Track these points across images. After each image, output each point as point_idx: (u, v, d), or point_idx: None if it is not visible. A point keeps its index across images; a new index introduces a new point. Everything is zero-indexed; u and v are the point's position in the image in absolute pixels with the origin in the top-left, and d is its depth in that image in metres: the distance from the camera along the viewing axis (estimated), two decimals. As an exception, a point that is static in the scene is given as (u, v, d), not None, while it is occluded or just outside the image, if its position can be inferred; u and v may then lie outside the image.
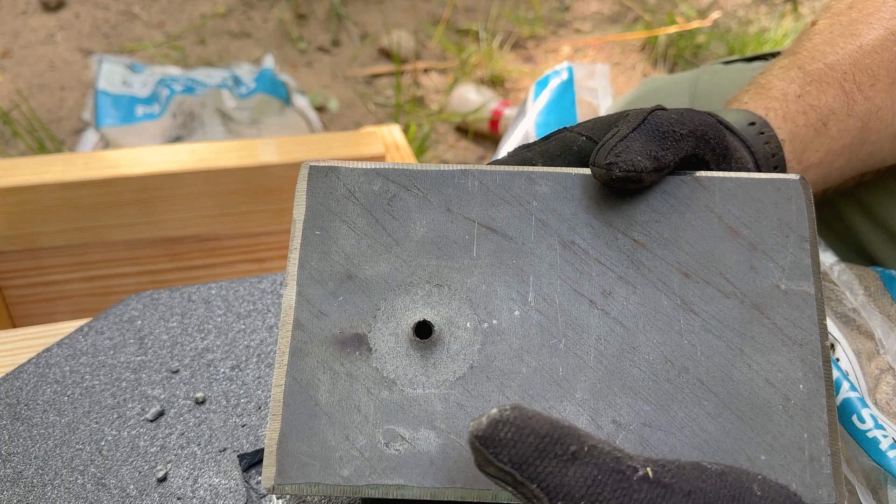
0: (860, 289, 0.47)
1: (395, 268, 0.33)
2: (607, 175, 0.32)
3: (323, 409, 0.31)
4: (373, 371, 0.31)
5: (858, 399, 0.40)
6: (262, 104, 1.38)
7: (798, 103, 0.45)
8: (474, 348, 0.32)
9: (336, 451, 0.30)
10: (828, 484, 0.30)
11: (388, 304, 0.33)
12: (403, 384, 0.31)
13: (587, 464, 0.25)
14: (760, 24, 1.91)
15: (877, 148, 0.49)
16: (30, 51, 1.58)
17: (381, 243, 0.34)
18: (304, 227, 0.34)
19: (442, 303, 0.33)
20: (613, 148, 0.32)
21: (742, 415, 0.31)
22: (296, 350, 0.32)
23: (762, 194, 0.34)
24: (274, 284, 0.49)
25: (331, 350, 0.32)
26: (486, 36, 1.75)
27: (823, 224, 0.56)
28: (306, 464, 0.30)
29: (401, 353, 0.32)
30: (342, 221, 0.34)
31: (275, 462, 0.30)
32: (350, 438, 0.30)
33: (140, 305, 0.47)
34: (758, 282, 0.32)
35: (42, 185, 0.63)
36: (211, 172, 0.66)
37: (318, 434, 0.30)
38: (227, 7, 1.75)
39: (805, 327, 0.32)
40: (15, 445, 0.40)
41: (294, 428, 0.31)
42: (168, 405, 0.42)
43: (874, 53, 0.47)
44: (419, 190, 0.34)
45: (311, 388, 0.31)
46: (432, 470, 0.30)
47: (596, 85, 1.00)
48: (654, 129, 0.33)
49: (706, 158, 0.36)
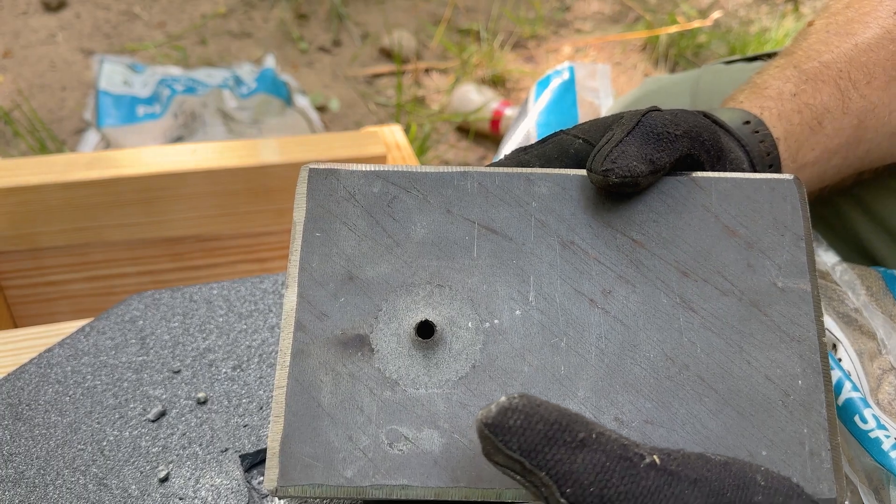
0: (862, 289, 0.47)
1: (396, 269, 0.33)
2: (604, 181, 0.33)
3: (325, 410, 0.31)
4: (375, 371, 0.31)
5: (861, 399, 0.40)
6: (263, 104, 1.39)
7: (793, 102, 0.45)
8: (476, 348, 0.32)
9: (339, 451, 0.30)
10: (828, 478, 0.30)
11: (390, 305, 0.33)
12: (406, 384, 0.31)
13: (595, 451, 0.25)
14: (761, 23, 1.91)
15: (874, 146, 0.49)
16: (31, 51, 1.58)
17: (381, 244, 0.34)
18: (304, 229, 0.34)
19: (443, 303, 0.33)
20: (609, 154, 0.33)
21: (742, 411, 0.31)
22: (297, 351, 0.32)
23: (757, 194, 0.34)
24: (275, 284, 0.49)
25: (332, 351, 0.32)
26: (487, 36, 1.75)
27: (824, 224, 0.55)
28: (309, 465, 0.30)
29: (403, 354, 0.32)
30: (342, 223, 0.34)
31: (277, 464, 0.30)
32: (353, 439, 0.30)
33: (141, 305, 0.47)
34: (755, 280, 0.33)
35: (43, 185, 0.63)
36: (212, 172, 0.66)
37: (321, 435, 0.30)
38: (227, 7, 1.75)
39: (802, 324, 0.32)
40: (17, 445, 0.40)
41: (297, 429, 0.30)
42: (170, 405, 0.42)
43: (870, 51, 0.47)
44: (419, 192, 0.34)
45: (314, 389, 0.31)
46: (436, 470, 0.30)
47: (597, 85, 1.00)
48: (649, 131, 0.34)
49: (701, 159, 0.36)
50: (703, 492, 0.25)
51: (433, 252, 0.33)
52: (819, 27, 0.50)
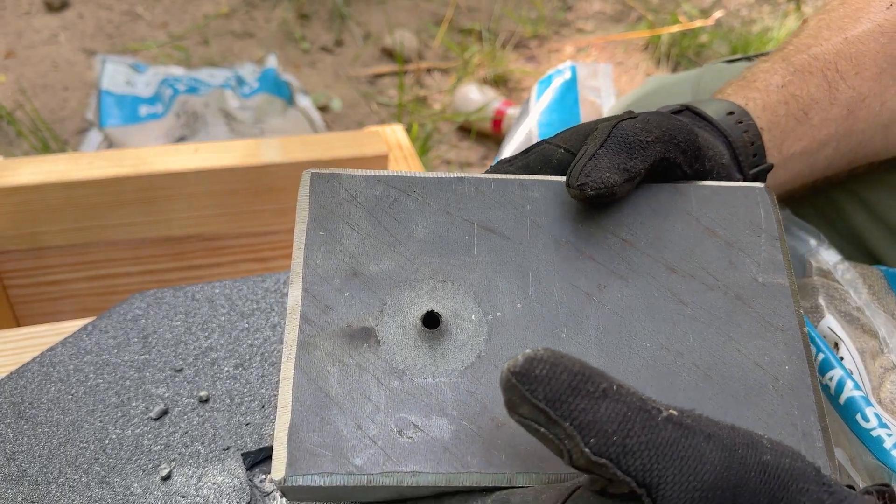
0: (864, 287, 0.47)
1: (399, 265, 0.34)
2: (581, 195, 0.34)
3: (333, 400, 0.31)
4: (382, 362, 0.32)
5: (862, 398, 0.40)
6: (265, 104, 1.39)
7: (780, 93, 0.46)
8: (481, 339, 0.33)
9: (348, 440, 0.30)
10: (822, 457, 0.31)
11: (394, 299, 0.33)
12: (413, 374, 0.31)
13: (617, 401, 0.26)
14: (763, 23, 1.91)
15: (866, 138, 0.49)
16: (33, 51, 1.59)
17: (384, 243, 0.34)
18: (307, 227, 0.34)
19: (447, 297, 0.33)
20: (584, 168, 0.34)
21: (737, 395, 0.32)
22: (304, 343, 0.32)
23: (733, 199, 0.37)
24: (277, 283, 0.49)
25: (339, 343, 0.32)
26: (488, 36, 1.75)
27: (826, 222, 0.55)
28: (318, 454, 0.30)
29: (409, 345, 0.32)
30: (345, 223, 0.35)
31: (285, 454, 0.29)
32: (362, 427, 0.30)
33: (144, 304, 0.47)
34: (737, 276, 0.35)
35: (46, 184, 0.63)
36: (214, 172, 0.66)
37: (330, 424, 0.30)
38: (230, 7, 1.75)
39: (784, 315, 0.35)
40: (19, 444, 0.41)
41: (304, 419, 0.30)
42: (172, 404, 0.42)
43: (859, 44, 0.48)
44: (418, 195, 0.36)
45: (321, 379, 0.31)
46: (447, 456, 0.30)
47: (599, 84, 1.00)
48: (621, 141, 0.35)
49: (678, 161, 0.37)
50: (717, 446, 0.25)
51: (434, 250, 0.34)
52: (812, 24, 0.51)
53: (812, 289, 0.47)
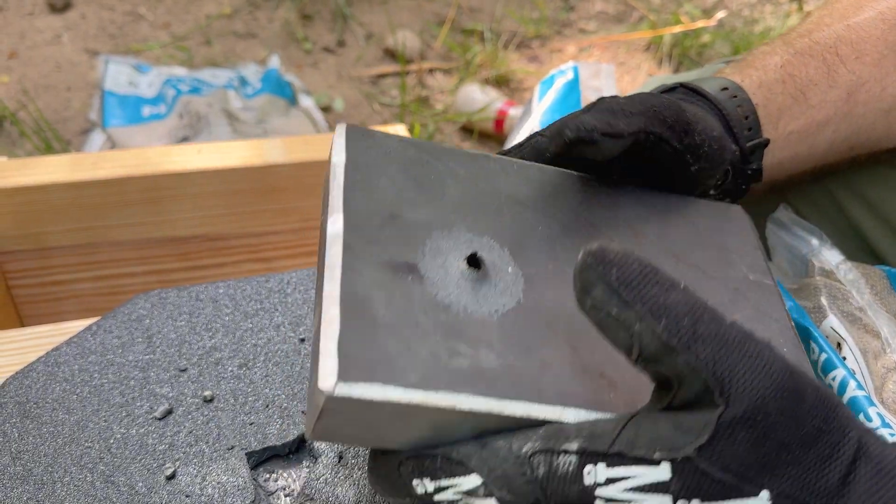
0: (866, 287, 0.47)
1: (436, 216, 0.34)
2: (560, 139, 0.35)
3: (380, 322, 0.29)
4: (428, 295, 0.31)
5: (865, 398, 0.40)
6: (267, 104, 1.39)
7: (778, 72, 0.47)
8: (519, 287, 0.33)
9: (399, 359, 0.28)
10: None
11: (434, 244, 0.33)
12: (458, 310, 0.31)
13: (686, 294, 0.26)
14: (765, 23, 1.91)
15: (867, 123, 0.49)
16: (36, 51, 1.59)
17: (420, 195, 0.35)
18: (345, 170, 0.34)
19: (483, 249, 0.34)
20: (563, 120, 0.36)
21: None
22: (348, 267, 0.30)
23: (718, 213, 0.41)
24: (281, 283, 0.49)
25: (383, 272, 0.31)
26: (490, 36, 1.75)
27: (828, 221, 0.55)
28: (370, 367, 0.27)
29: (452, 284, 0.32)
30: (381, 174, 0.35)
31: (336, 363, 0.27)
32: (412, 349, 0.29)
33: (148, 304, 0.48)
34: (732, 272, 0.38)
35: (50, 184, 0.64)
36: (218, 172, 0.67)
37: (379, 342, 0.28)
38: (232, 8, 1.76)
39: (776, 308, 0.37)
40: (24, 443, 0.41)
41: (354, 333, 0.28)
42: (176, 403, 0.43)
43: (860, 30, 0.49)
44: (448, 163, 0.37)
45: (368, 301, 0.29)
46: (498, 384, 0.29)
47: (601, 84, 1.00)
48: (605, 108, 0.36)
49: (664, 136, 0.38)
50: (779, 356, 0.26)
51: (468, 210, 0.35)
52: (816, 14, 0.52)
53: (815, 289, 0.47)
